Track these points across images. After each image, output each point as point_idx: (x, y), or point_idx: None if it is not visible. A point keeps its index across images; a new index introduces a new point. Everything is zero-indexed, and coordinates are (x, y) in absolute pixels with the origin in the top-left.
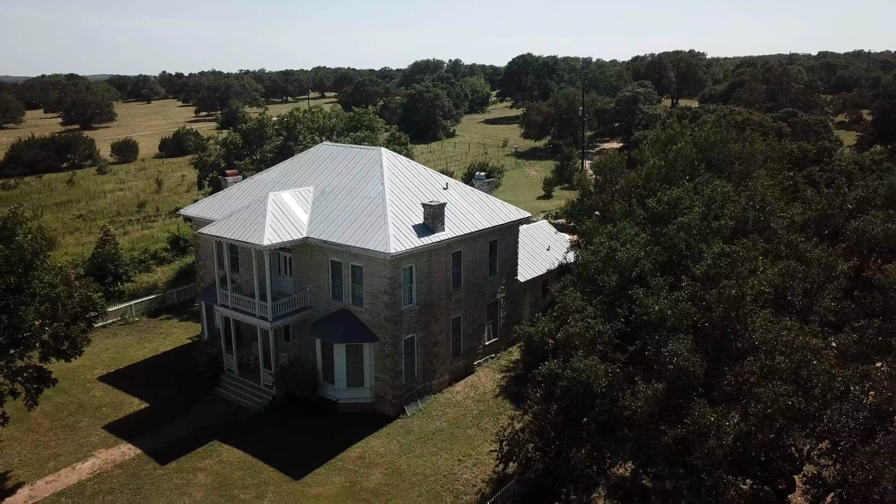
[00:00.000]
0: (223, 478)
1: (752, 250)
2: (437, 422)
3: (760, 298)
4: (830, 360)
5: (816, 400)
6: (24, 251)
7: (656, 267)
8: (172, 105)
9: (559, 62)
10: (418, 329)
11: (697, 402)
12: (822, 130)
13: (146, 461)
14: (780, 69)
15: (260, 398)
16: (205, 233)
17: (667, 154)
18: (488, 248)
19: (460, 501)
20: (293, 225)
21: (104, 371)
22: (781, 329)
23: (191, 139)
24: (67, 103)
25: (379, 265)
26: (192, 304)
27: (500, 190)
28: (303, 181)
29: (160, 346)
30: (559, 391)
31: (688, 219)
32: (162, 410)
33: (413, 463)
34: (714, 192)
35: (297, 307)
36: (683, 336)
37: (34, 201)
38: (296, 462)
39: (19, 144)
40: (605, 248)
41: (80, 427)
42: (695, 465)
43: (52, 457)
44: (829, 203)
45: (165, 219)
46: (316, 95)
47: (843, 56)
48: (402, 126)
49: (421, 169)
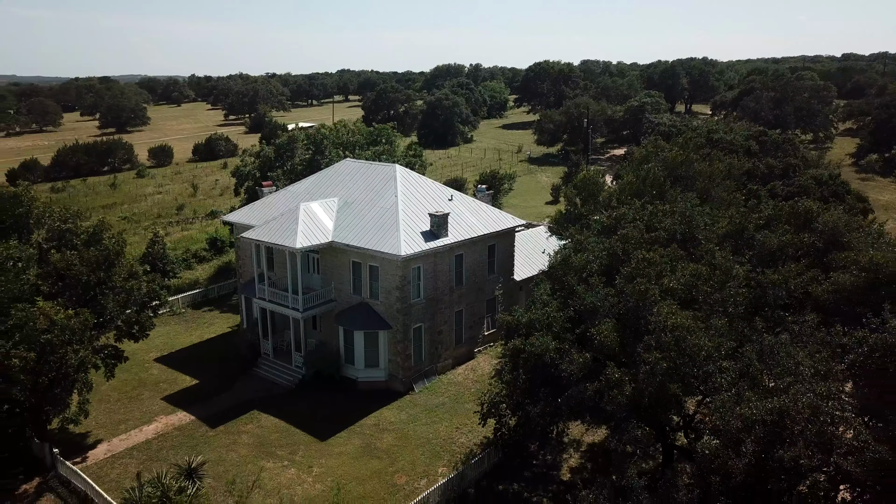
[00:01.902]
0: (263, 439)
1: (664, 256)
2: (440, 397)
3: (671, 293)
4: (701, 336)
5: (694, 364)
6: (109, 252)
7: (600, 268)
8: (202, 108)
9: (574, 69)
10: (425, 319)
11: (609, 365)
12: (789, 148)
13: (199, 425)
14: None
15: (292, 376)
16: (246, 237)
17: (639, 172)
18: (487, 251)
19: (454, 458)
20: (321, 231)
21: (159, 354)
22: (670, 315)
23: (222, 144)
24: (103, 108)
25: (392, 265)
26: (231, 298)
27: (511, 195)
28: (329, 193)
29: (205, 333)
30: (521, 362)
31: (626, 231)
32: (210, 386)
33: (418, 430)
34: (654, 210)
35: (323, 300)
36: (608, 320)
37: (82, 204)
38: (322, 427)
39: (64, 150)
40: (563, 254)
41: (143, 398)
42: (606, 411)
43: (122, 421)
44: (743, 219)
45: (202, 221)
46: (340, 99)
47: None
48: (422, 131)
49: (430, 183)
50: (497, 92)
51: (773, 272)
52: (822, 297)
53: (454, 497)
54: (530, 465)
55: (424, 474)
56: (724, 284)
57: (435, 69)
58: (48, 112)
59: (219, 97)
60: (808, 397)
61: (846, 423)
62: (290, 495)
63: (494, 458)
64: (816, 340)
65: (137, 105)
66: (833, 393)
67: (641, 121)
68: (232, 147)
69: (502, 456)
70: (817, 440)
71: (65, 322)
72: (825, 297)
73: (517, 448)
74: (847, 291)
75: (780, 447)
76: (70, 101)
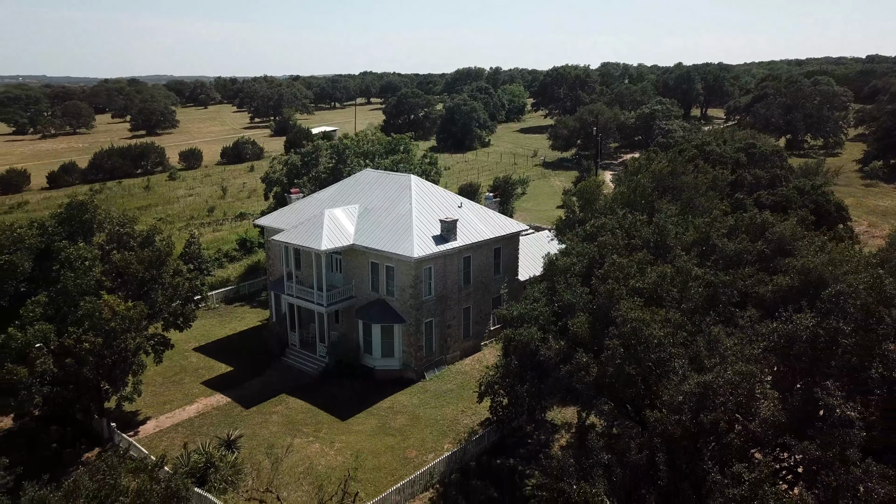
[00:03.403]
0: (290, 418)
1: (633, 261)
2: (448, 384)
3: (638, 292)
4: (655, 328)
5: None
6: (160, 253)
7: (581, 270)
8: (227, 110)
9: (591, 75)
10: (436, 315)
11: (579, 351)
12: (776, 160)
13: (235, 406)
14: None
15: (316, 365)
16: (276, 239)
17: (630, 183)
18: (493, 253)
19: (459, 436)
20: (343, 234)
21: (197, 344)
22: (630, 310)
23: (248, 148)
24: (134, 111)
25: (406, 266)
26: (260, 294)
27: (524, 199)
28: (350, 200)
29: (237, 326)
30: (512, 349)
31: (604, 238)
32: (243, 373)
33: (428, 412)
34: (633, 220)
35: (344, 296)
36: (582, 314)
37: (119, 205)
38: (342, 409)
39: (100, 153)
40: (549, 257)
41: (184, 382)
42: (576, 389)
43: (167, 401)
44: (708, 228)
45: (232, 222)
46: (362, 101)
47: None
48: (441, 135)
49: (442, 191)
50: (516, 96)
51: (725, 274)
52: (766, 295)
53: (457, 469)
54: (525, 444)
55: (432, 450)
56: (686, 284)
57: (455, 72)
58: (81, 114)
59: (244, 100)
60: (728, 375)
61: (765, 396)
62: (316, 464)
63: (494, 437)
64: (749, 331)
65: (166, 108)
66: (751, 372)
67: (652, 127)
68: (258, 150)
69: (500, 435)
70: (734, 408)
71: (125, 313)
72: (768, 296)
73: (509, 422)
74: (784, 291)
75: (704, 413)
76: (101, 103)
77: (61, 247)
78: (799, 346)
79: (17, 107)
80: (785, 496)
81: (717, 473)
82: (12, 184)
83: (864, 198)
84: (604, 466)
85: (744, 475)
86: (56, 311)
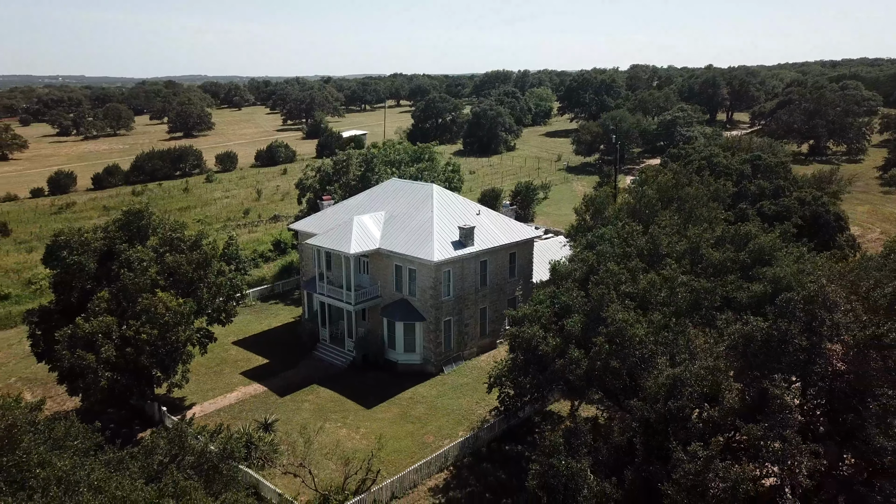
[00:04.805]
0: (321, 405)
1: (625, 268)
2: (465, 378)
3: (629, 296)
4: (636, 328)
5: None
6: (206, 255)
7: (581, 276)
8: (261, 112)
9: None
10: (454, 314)
11: (572, 347)
12: (780, 171)
13: (270, 394)
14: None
15: (344, 358)
16: (309, 243)
17: (636, 194)
18: (508, 257)
19: (473, 424)
20: (370, 239)
21: (235, 338)
22: (616, 312)
23: (281, 151)
24: (172, 113)
25: (427, 268)
26: (293, 293)
27: (545, 203)
28: (377, 207)
29: (272, 322)
30: (517, 345)
31: (600, 248)
32: (278, 365)
33: (446, 402)
34: (631, 230)
35: (371, 296)
36: (577, 315)
37: (161, 206)
38: (368, 398)
39: (142, 156)
40: (552, 263)
41: (224, 373)
42: (569, 380)
43: (209, 390)
44: (698, 239)
45: (266, 224)
46: (392, 104)
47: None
48: (467, 139)
49: (461, 200)
50: (543, 99)
51: (709, 281)
52: (742, 300)
53: (470, 453)
54: (532, 433)
55: (448, 436)
56: (673, 290)
57: (484, 75)
58: (121, 116)
59: (277, 102)
60: (694, 369)
61: (728, 388)
62: (343, 446)
63: (504, 425)
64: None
65: (202, 110)
66: (717, 367)
67: (674, 133)
68: (290, 153)
69: (509, 424)
70: (700, 398)
71: (176, 308)
72: (744, 301)
73: (515, 411)
74: (758, 297)
75: (672, 401)
76: (139, 104)
77: (122, 249)
78: (755, 345)
79: (61, 109)
80: (731, 468)
81: (681, 452)
82: (61, 185)
83: (881, 205)
84: (589, 446)
85: (699, 452)
86: (117, 305)
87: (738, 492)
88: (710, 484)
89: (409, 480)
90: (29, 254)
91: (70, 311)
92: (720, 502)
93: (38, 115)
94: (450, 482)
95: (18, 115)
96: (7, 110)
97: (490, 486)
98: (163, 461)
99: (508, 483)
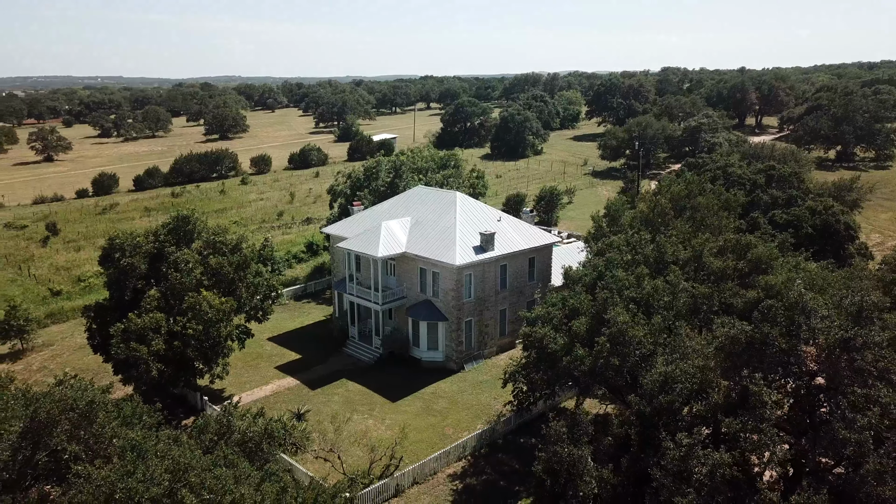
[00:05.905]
0: (349, 398)
1: (630, 274)
2: (484, 375)
3: (633, 300)
4: (636, 329)
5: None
6: (246, 258)
7: (591, 280)
8: (293, 114)
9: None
10: (475, 315)
11: (577, 346)
12: (794, 181)
13: (303, 387)
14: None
15: (372, 355)
16: (340, 246)
17: (650, 203)
18: (528, 262)
19: (491, 418)
20: (397, 243)
21: (270, 335)
22: (617, 314)
23: (314, 154)
24: (208, 116)
25: (449, 271)
26: (325, 293)
27: (570, 207)
28: (403, 213)
29: (305, 320)
30: (529, 344)
31: (609, 255)
32: (309, 360)
33: (466, 398)
34: (639, 239)
35: (397, 297)
36: (584, 317)
37: (199, 208)
38: (393, 393)
39: (180, 159)
40: (566, 269)
41: (260, 367)
42: (575, 376)
43: (246, 382)
44: (702, 247)
45: (299, 226)
46: (422, 107)
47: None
48: (495, 143)
49: (483, 206)
50: (571, 103)
51: (708, 288)
52: (738, 306)
53: (487, 444)
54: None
55: (467, 428)
56: (675, 295)
57: (514, 78)
58: (160, 118)
59: (309, 104)
60: (684, 367)
61: (717, 385)
62: (370, 435)
63: (519, 420)
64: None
65: (237, 113)
66: (707, 366)
67: (698, 139)
68: (322, 157)
69: (524, 419)
70: (689, 394)
71: (219, 306)
72: (740, 306)
73: (528, 405)
74: (752, 303)
75: (663, 396)
76: (176, 106)
77: (170, 251)
78: (739, 346)
79: (102, 111)
80: (711, 455)
81: (669, 441)
82: (104, 186)
83: None
84: (590, 436)
85: (683, 441)
86: (166, 302)
87: (715, 476)
88: (694, 469)
89: (430, 468)
90: (77, 252)
91: (123, 307)
92: (702, 486)
93: (79, 117)
94: (467, 470)
95: (62, 117)
96: (51, 111)
97: (505, 474)
98: (213, 438)
99: (522, 472)
